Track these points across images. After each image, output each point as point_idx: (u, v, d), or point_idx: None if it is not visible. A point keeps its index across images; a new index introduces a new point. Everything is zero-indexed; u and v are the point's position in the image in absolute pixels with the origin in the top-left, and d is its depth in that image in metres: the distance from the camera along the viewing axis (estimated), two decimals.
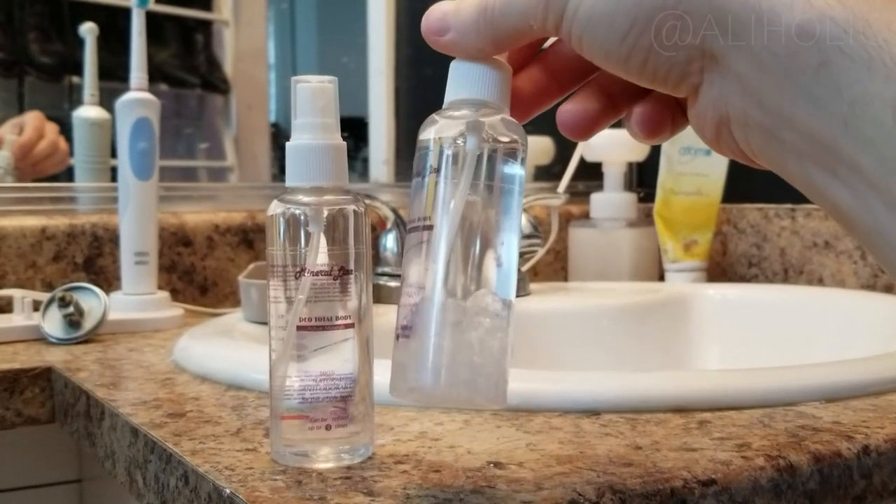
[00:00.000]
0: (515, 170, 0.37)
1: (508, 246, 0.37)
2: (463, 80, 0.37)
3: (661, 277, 1.12)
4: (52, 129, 1.01)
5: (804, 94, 0.29)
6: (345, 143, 0.42)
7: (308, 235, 0.41)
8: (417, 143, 0.38)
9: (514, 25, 0.35)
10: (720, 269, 1.16)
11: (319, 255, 0.41)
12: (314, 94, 0.41)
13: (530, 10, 0.34)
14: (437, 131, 0.37)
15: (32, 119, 1.01)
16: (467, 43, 0.37)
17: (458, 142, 0.37)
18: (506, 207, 0.37)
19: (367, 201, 0.71)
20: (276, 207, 0.42)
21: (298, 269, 0.41)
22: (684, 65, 0.32)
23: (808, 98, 0.29)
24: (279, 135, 1.22)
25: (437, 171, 0.37)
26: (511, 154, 0.37)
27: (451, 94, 0.38)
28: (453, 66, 0.38)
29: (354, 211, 0.42)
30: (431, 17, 0.37)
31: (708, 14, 0.31)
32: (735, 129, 0.33)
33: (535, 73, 0.39)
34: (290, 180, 0.42)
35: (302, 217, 0.41)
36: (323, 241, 0.41)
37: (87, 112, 0.99)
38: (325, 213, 0.41)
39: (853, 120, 0.28)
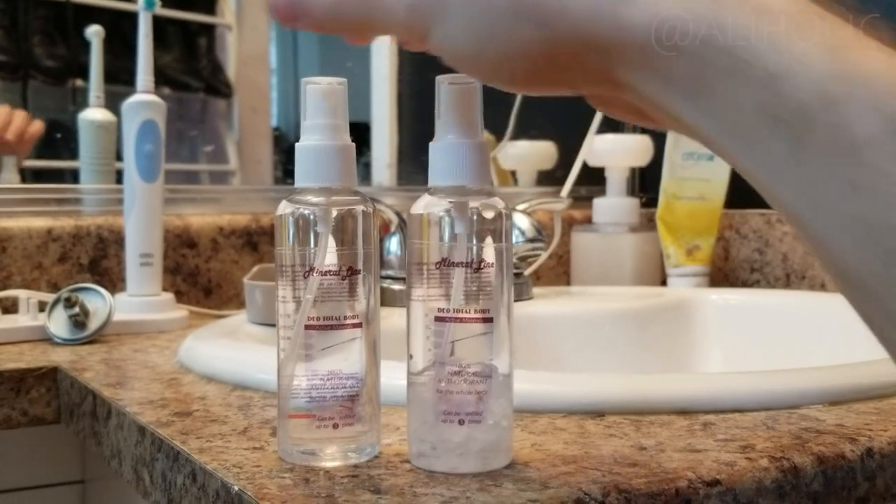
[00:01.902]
0: (502, 243, 0.41)
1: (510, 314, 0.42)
2: (445, 166, 0.41)
3: (664, 282, 1.12)
4: (19, 114, 1.02)
5: (677, 88, 0.30)
6: (353, 144, 0.43)
7: (317, 236, 0.41)
8: (409, 219, 0.42)
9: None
10: (722, 274, 1.17)
11: (328, 255, 0.41)
12: (324, 95, 0.42)
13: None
14: (425, 208, 0.41)
15: None
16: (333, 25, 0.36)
17: (447, 219, 0.40)
18: (505, 280, 0.41)
19: None
20: (285, 208, 0.42)
21: (307, 269, 0.41)
22: (585, 75, 0.32)
23: (682, 93, 0.30)
24: (281, 138, 1.22)
25: (448, 261, 0.40)
26: (495, 229, 0.41)
27: (434, 179, 0.41)
28: (432, 150, 0.41)
29: (363, 211, 0.42)
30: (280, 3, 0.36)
31: (578, 42, 0.31)
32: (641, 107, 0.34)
33: None
34: (300, 181, 0.42)
35: (311, 217, 0.41)
36: (331, 241, 0.41)
37: (93, 114, 1.00)
38: (334, 213, 0.41)
39: (694, 101, 0.29)
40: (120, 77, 1.02)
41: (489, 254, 0.41)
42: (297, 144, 0.42)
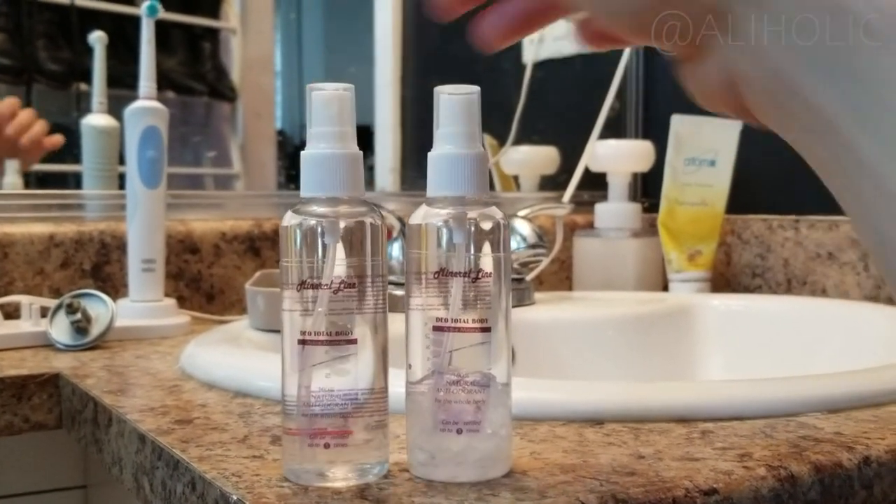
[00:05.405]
0: (500, 253, 0.41)
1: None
2: (443, 176, 0.41)
3: (665, 288, 1.12)
4: (40, 123, 1.02)
5: (815, 64, 0.28)
6: (361, 152, 0.42)
7: (325, 247, 0.41)
8: (408, 229, 0.42)
9: None
10: (724, 279, 1.17)
11: (336, 267, 0.41)
12: (329, 101, 0.41)
13: None
14: (424, 218, 0.42)
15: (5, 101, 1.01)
16: None
17: (446, 230, 0.41)
18: (504, 289, 0.42)
19: None
20: (291, 219, 0.41)
21: (315, 282, 0.41)
22: (693, 21, 0.31)
23: (819, 69, 0.28)
24: (285, 143, 1.23)
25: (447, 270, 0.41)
26: (493, 239, 0.41)
27: (432, 189, 0.42)
28: (430, 160, 0.42)
29: (371, 224, 0.42)
30: None
31: None
32: (744, 89, 0.32)
33: None
34: (306, 191, 0.41)
35: (318, 228, 0.41)
36: (340, 251, 0.41)
37: (96, 120, 1.00)
38: (342, 224, 0.41)
39: (861, 98, 0.27)
40: (124, 81, 1.02)
41: (487, 263, 0.41)
42: (302, 153, 0.41)
